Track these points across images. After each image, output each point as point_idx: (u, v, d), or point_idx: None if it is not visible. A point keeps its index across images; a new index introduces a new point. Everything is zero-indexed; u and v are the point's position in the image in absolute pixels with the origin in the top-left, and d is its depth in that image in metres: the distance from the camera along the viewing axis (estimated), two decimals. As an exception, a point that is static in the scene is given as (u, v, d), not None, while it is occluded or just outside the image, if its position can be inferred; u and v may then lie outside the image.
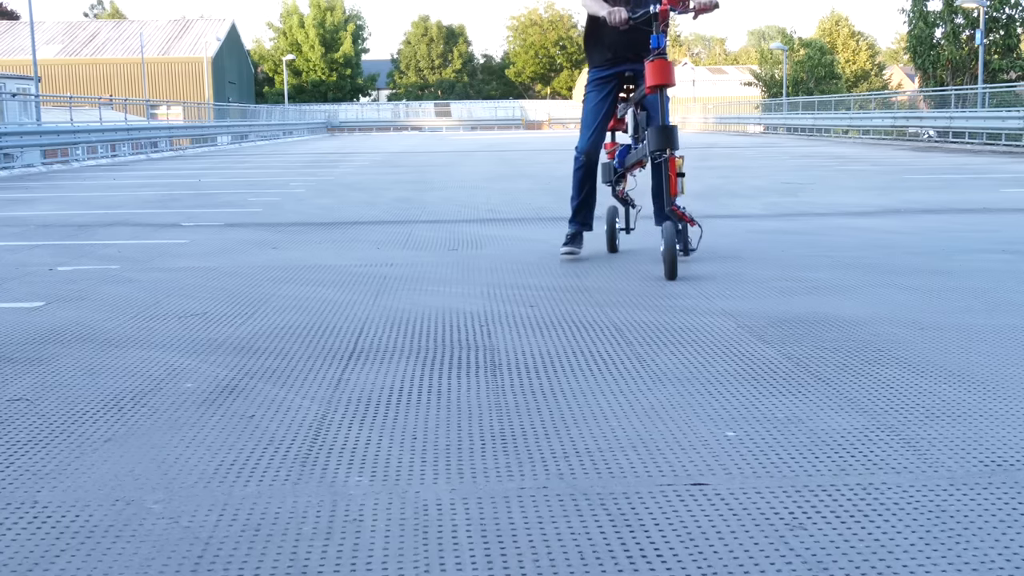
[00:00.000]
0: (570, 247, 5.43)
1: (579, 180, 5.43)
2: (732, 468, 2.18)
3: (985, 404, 2.64)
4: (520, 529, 1.87)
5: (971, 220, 7.42)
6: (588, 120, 5.37)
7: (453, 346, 3.42)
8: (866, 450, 2.29)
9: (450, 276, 5.01)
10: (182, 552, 1.79)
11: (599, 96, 5.36)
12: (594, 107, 5.36)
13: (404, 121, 62.07)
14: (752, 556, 1.74)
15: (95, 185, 13.64)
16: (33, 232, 7.53)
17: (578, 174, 5.42)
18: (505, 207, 9.11)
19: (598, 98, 5.36)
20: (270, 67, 72.31)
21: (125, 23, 64.57)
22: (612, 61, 5.30)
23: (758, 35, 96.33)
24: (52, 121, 23.37)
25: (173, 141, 28.81)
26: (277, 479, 2.15)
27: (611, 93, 5.36)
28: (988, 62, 36.77)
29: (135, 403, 2.75)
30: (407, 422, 2.55)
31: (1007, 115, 22.61)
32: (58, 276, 5.18)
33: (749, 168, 15.47)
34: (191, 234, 7.18)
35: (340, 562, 1.74)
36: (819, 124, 35.82)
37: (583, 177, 5.41)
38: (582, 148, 5.34)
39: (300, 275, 5.08)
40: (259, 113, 45.44)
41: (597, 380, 2.94)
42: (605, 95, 5.35)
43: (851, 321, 3.72)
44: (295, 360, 3.24)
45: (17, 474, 2.20)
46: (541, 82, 76.17)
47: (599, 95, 5.36)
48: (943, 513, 1.92)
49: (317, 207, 9.39)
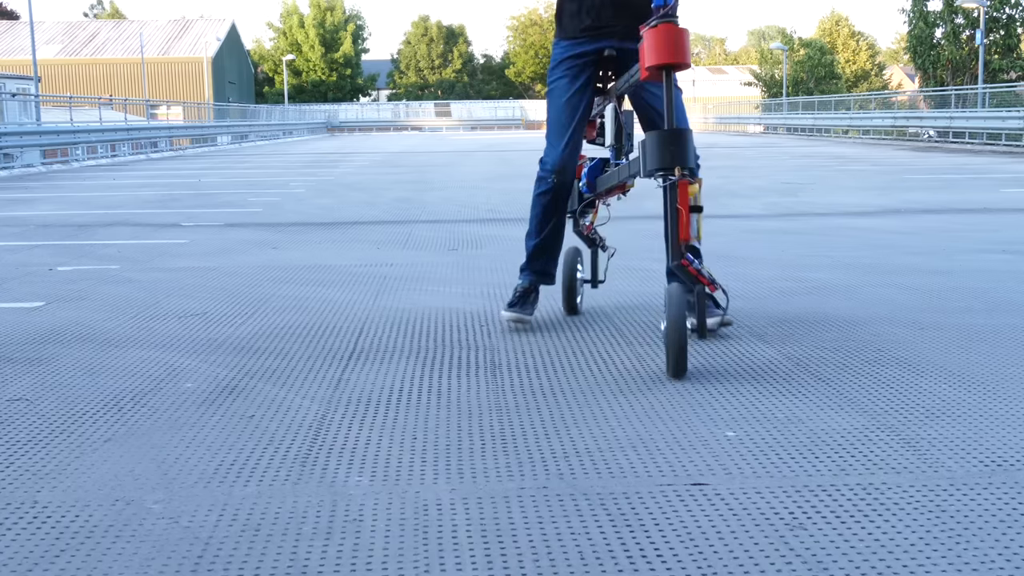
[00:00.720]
0: (518, 312, 3.68)
1: (542, 210, 3.70)
2: (732, 468, 2.18)
3: (985, 404, 2.64)
4: (520, 529, 1.87)
5: (971, 220, 7.42)
6: (558, 122, 3.62)
7: (453, 346, 3.42)
8: (866, 450, 2.28)
9: (450, 276, 5.01)
10: (182, 552, 1.79)
11: (573, 86, 3.62)
12: (567, 102, 3.62)
13: (404, 121, 62.07)
14: (752, 556, 1.74)
15: (95, 185, 13.64)
16: (33, 232, 7.53)
17: (541, 201, 3.68)
18: (505, 207, 9.11)
19: (571, 89, 3.61)
20: (270, 67, 72.31)
21: (125, 23, 64.57)
22: (591, 32, 3.58)
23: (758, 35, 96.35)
24: (52, 121, 23.37)
25: (173, 141, 28.81)
26: (277, 479, 2.15)
27: (589, 81, 3.64)
28: (988, 62, 36.77)
29: (135, 403, 2.75)
30: (407, 422, 2.55)
31: (1007, 115, 22.62)
32: (58, 276, 5.18)
33: (749, 168, 15.47)
34: (191, 234, 7.18)
35: (340, 562, 1.74)
36: (819, 124, 35.83)
37: (548, 206, 3.68)
38: (551, 164, 3.60)
39: (300, 275, 5.08)
40: (259, 113, 45.44)
41: (597, 380, 2.94)
42: (582, 85, 3.62)
43: (851, 321, 3.72)
44: (295, 360, 3.24)
45: (17, 474, 2.20)
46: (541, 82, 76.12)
47: (572, 84, 3.62)
48: (943, 513, 1.92)
49: (317, 207, 9.39)
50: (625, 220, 7.00)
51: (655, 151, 3.04)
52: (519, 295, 3.73)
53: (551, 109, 3.66)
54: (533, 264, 3.78)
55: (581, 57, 3.60)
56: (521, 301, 3.71)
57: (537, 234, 3.74)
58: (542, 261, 3.77)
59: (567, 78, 3.62)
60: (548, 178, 3.61)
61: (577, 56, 3.61)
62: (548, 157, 3.62)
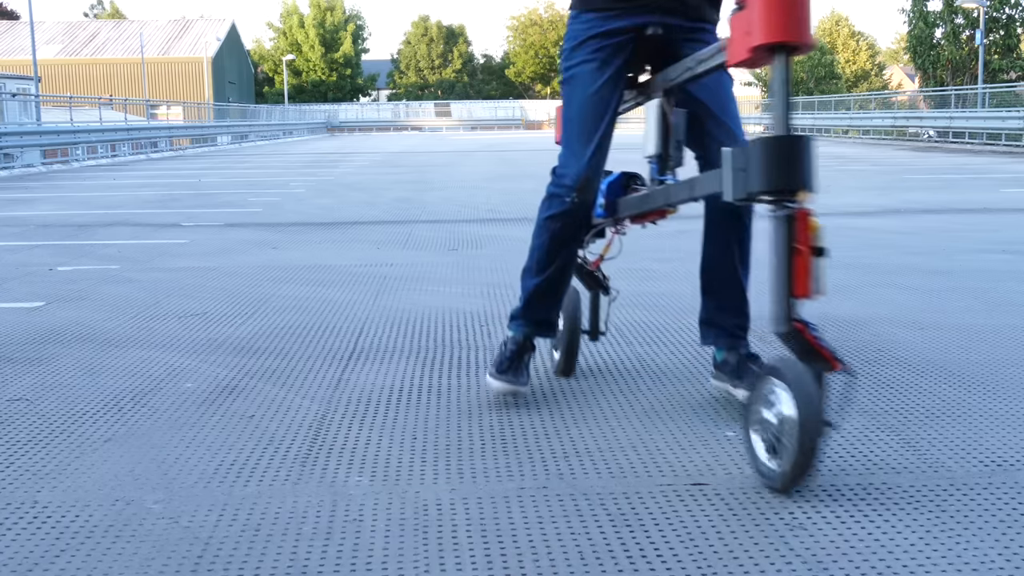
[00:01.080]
0: (510, 380, 2.71)
1: (552, 239, 2.69)
2: (732, 468, 2.18)
3: (985, 404, 2.64)
4: (520, 529, 1.87)
5: (971, 220, 7.42)
6: (581, 121, 2.63)
7: (453, 346, 3.42)
8: (866, 450, 2.29)
9: (450, 276, 5.01)
10: (182, 552, 1.79)
11: (602, 74, 2.62)
12: (594, 96, 2.62)
13: (404, 121, 62.06)
14: (752, 556, 1.74)
15: (95, 185, 13.64)
16: (33, 232, 7.53)
17: (552, 227, 2.68)
18: (505, 207, 9.11)
19: (600, 77, 2.61)
20: (270, 67, 72.32)
21: (125, 23, 64.57)
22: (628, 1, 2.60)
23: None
24: (52, 121, 23.36)
25: (173, 141, 28.81)
26: (277, 479, 2.15)
27: (623, 69, 2.65)
28: (988, 62, 36.79)
29: (135, 403, 2.75)
30: (407, 422, 2.55)
31: (1007, 115, 22.61)
32: (58, 276, 5.18)
33: (749, 168, 15.44)
34: (191, 234, 7.18)
35: (340, 562, 1.74)
36: (819, 124, 35.83)
37: (562, 234, 2.68)
38: (573, 177, 2.61)
39: (300, 275, 5.08)
40: (259, 113, 45.44)
41: (597, 380, 2.94)
42: (615, 73, 2.63)
43: (851, 321, 3.72)
44: (295, 360, 3.24)
45: (17, 474, 2.20)
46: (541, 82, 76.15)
47: (601, 72, 2.62)
48: (943, 513, 1.92)
49: (317, 207, 9.39)
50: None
51: (767, 165, 2.07)
52: (510, 356, 2.72)
53: (571, 104, 2.64)
54: (531, 311, 2.76)
55: (614, 36, 2.59)
56: (514, 365, 2.71)
57: (540, 271, 2.72)
58: (543, 308, 2.76)
59: (594, 63, 2.60)
60: (566, 196, 2.61)
61: (609, 34, 2.59)
62: (568, 168, 2.61)
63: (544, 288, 2.74)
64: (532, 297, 2.76)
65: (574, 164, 2.61)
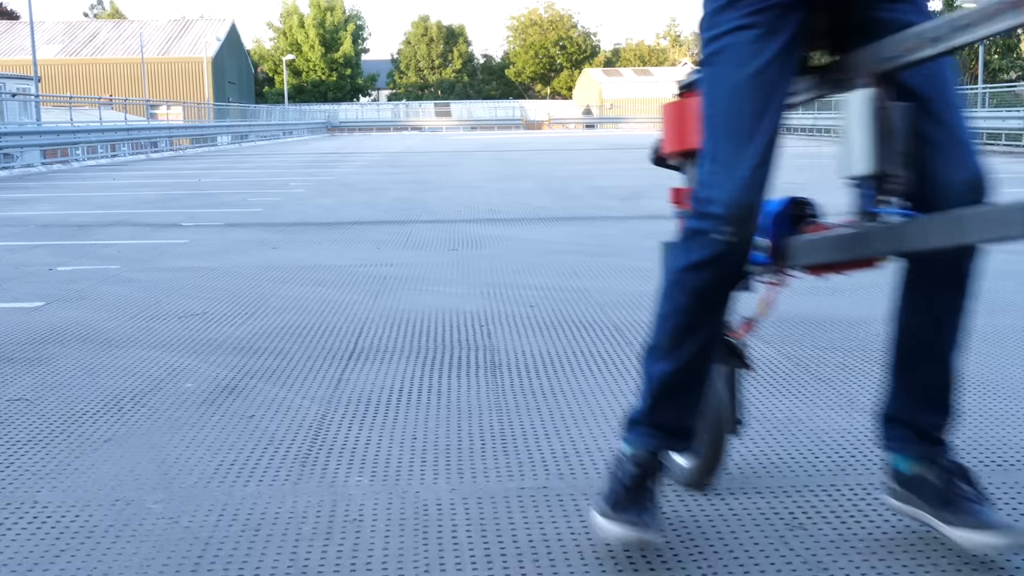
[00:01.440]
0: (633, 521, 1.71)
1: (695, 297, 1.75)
2: (732, 468, 2.18)
3: (985, 404, 2.64)
4: (520, 529, 1.87)
5: (971, 220, 7.41)
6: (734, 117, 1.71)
7: (453, 346, 3.42)
8: (866, 450, 2.28)
9: (450, 276, 5.01)
10: (182, 552, 1.79)
11: (768, 47, 1.70)
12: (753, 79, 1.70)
13: (404, 121, 62.05)
14: (752, 556, 1.74)
15: (95, 185, 13.64)
16: (33, 232, 7.53)
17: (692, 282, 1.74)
18: (505, 207, 9.11)
19: (765, 53, 1.70)
20: (270, 67, 72.33)
21: (125, 23, 64.57)
22: None
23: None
24: (52, 121, 23.36)
25: (173, 141, 28.81)
26: (277, 479, 2.15)
27: (795, 41, 1.72)
28: (988, 62, 36.79)
29: (135, 403, 2.75)
30: (407, 422, 2.55)
31: (1007, 115, 22.62)
32: (58, 276, 5.18)
33: (749, 168, 15.45)
34: (191, 234, 7.18)
35: (340, 562, 1.74)
36: (819, 124, 35.85)
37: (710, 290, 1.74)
38: (726, 202, 1.68)
39: (300, 275, 5.08)
40: (259, 113, 45.45)
41: (597, 380, 2.94)
42: (784, 47, 1.71)
43: (851, 321, 3.72)
44: (295, 360, 3.24)
45: (17, 474, 2.21)
46: (541, 82, 76.17)
47: (767, 44, 1.70)
48: (943, 513, 1.92)
49: (317, 207, 9.39)
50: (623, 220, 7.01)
51: None
52: (631, 484, 1.79)
53: (717, 93, 1.74)
54: (659, 414, 1.83)
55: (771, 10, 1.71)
56: (636, 497, 1.77)
57: (674, 349, 1.79)
58: (678, 408, 1.82)
59: (756, 30, 1.71)
60: (715, 232, 1.69)
61: (765, 10, 1.71)
62: (717, 190, 1.70)
63: (680, 377, 1.79)
64: (661, 391, 1.81)
65: (726, 182, 1.69)
